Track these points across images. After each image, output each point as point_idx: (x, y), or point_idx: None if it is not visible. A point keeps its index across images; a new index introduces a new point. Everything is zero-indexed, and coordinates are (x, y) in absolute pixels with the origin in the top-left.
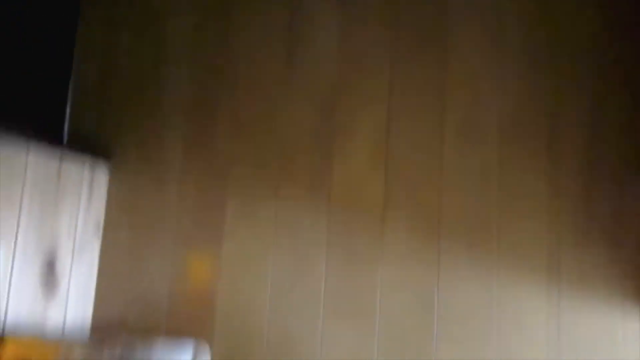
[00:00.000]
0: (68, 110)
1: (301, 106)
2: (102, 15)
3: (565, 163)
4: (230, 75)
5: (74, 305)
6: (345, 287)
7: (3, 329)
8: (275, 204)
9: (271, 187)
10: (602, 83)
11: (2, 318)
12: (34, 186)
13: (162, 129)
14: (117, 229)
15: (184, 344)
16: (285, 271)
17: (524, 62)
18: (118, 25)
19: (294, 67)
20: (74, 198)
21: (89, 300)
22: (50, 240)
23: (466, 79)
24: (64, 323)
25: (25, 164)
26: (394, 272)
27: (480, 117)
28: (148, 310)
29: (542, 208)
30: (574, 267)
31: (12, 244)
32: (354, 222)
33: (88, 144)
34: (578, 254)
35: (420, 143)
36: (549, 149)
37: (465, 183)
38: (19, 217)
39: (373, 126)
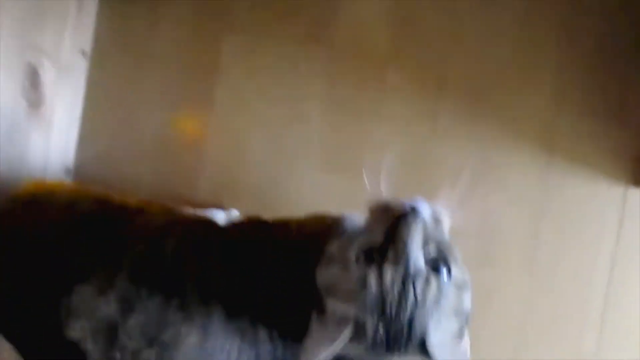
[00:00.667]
0: None
1: None
2: None
3: (577, 39)
4: None
5: (58, 132)
6: (339, 140)
7: None
8: (273, 49)
9: (271, 30)
10: None
11: None
12: None
13: None
14: (105, 58)
15: None
16: (280, 119)
17: None
18: None
19: None
20: (60, 13)
21: (74, 131)
22: (34, 51)
23: None
24: (48, 151)
25: None
26: (391, 130)
27: None
28: (134, 152)
29: (547, 79)
30: (568, 139)
31: None
32: (354, 74)
33: None
34: (576, 127)
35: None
36: (563, 25)
37: (475, 46)
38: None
39: None
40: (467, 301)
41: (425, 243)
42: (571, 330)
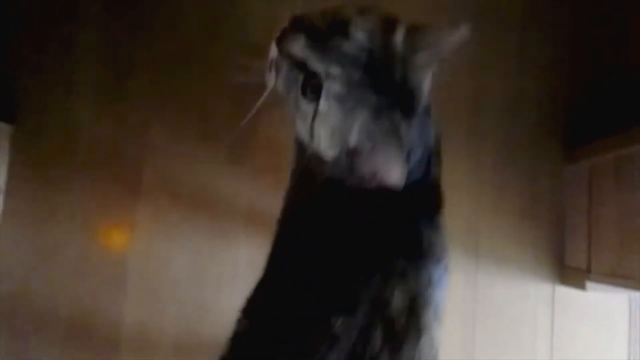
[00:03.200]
0: None
1: (224, 61)
2: None
3: (485, 141)
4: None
5: None
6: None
7: None
8: (193, 172)
9: (190, 154)
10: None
11: None
12: None
13: (74, 83)
14: (20, 191)
15: None
16: (205, 241)
17: None
18: None
19: (218, 18)
20: None
21: None
22: None
23: None
24: None
25: None
26: None
27: None
28: (53, 283)
29: (463, 180)
30: (491, 239)
31: None
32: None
33: None
34: (495, 226)
35: None
36: (470, 130)
37: None
38: None
39: None
40: None
41: None
42: None
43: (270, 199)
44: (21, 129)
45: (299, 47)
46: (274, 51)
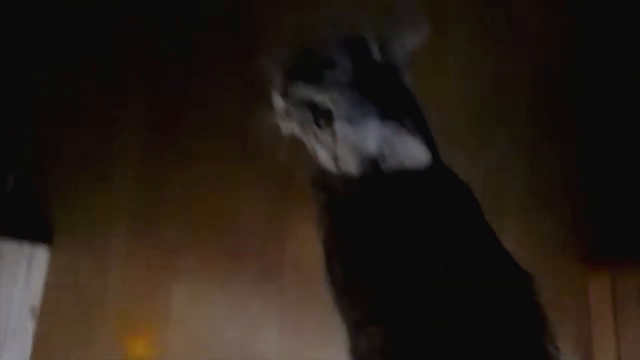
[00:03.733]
0: (10, 185)
1: (254, 189)
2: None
3: None
4: (181, 154)
5: None
6: None
7: None
8: (224, 292)
9: (220, 274)
10: None
11: None
12: None
13: (108, 209)
14: (54, 312)
15: None
16: None
17: None
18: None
19: (247, 149)
20: (9, 279)
21: None
22: None
23: None
24: None
25: None
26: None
27: None
28: None
29: None
30: None
31: None
32: (306, 311)
33: (29, 222)
34: None
35: None
36: None
37: None
38: None
39: None
40: None
41: None
42: None
43: (299, 311)
44: (57, 250)
45: (300, 90)
46: (279, 102)
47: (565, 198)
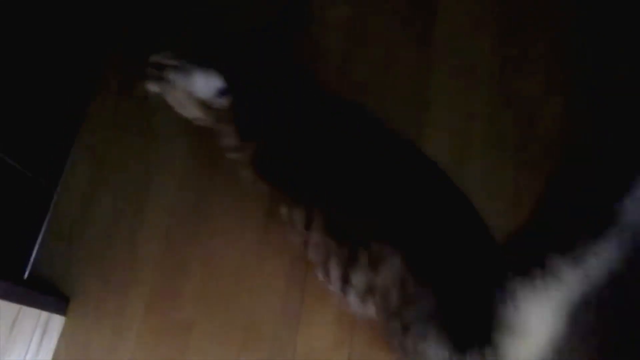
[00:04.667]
0: (35, 252)
1: (271, 274)
2: (86, 170)
3: None
4: (203, 234)
5: None
6: None
7: None
8: None
9: (231, 357)
10: None
11: None
12: None
13: (128, 281)
14: None
15: None
16: None
17: None
18: (100, 182)
19: (268, 232)
20: (22, 345)
21: None
22: None
23: None
24: None
25: None
26: None
27: None
28: None
29: None
30: None
31: None
32: None
33: (48, 292)
34: None
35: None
36: None
37: None
38: None
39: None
40: None
41: None
42: None
43: None
44: (71, 322)
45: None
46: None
47: None
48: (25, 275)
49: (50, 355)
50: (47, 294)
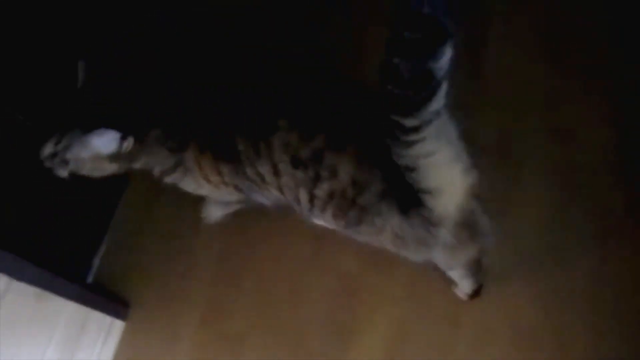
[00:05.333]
0: (96, 262)
1: (320, 289)
2: (146, 185)
3: None
4: (257, 247)
5: None
6: None
7: None
8: None
9: None
10: None
11: None
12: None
13: (184, 293)
14: None
15: None
16: None
17: None
18: (158, 196)
19: (317, 251)
20: (88, 348)
21: None
22: None
23: None
24: None
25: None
26: None
27: None
28: None
29: None
30: None
31: None
32: None
33: (110, 297)
34: None
35: (434, 344)
36: None
37: None
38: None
39: (389, 324)
40: None
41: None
42: None
43: None
44: (130, 327)
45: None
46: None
47: None
48: (89, 281)
49: (110, 357)
50: (110, 299)
